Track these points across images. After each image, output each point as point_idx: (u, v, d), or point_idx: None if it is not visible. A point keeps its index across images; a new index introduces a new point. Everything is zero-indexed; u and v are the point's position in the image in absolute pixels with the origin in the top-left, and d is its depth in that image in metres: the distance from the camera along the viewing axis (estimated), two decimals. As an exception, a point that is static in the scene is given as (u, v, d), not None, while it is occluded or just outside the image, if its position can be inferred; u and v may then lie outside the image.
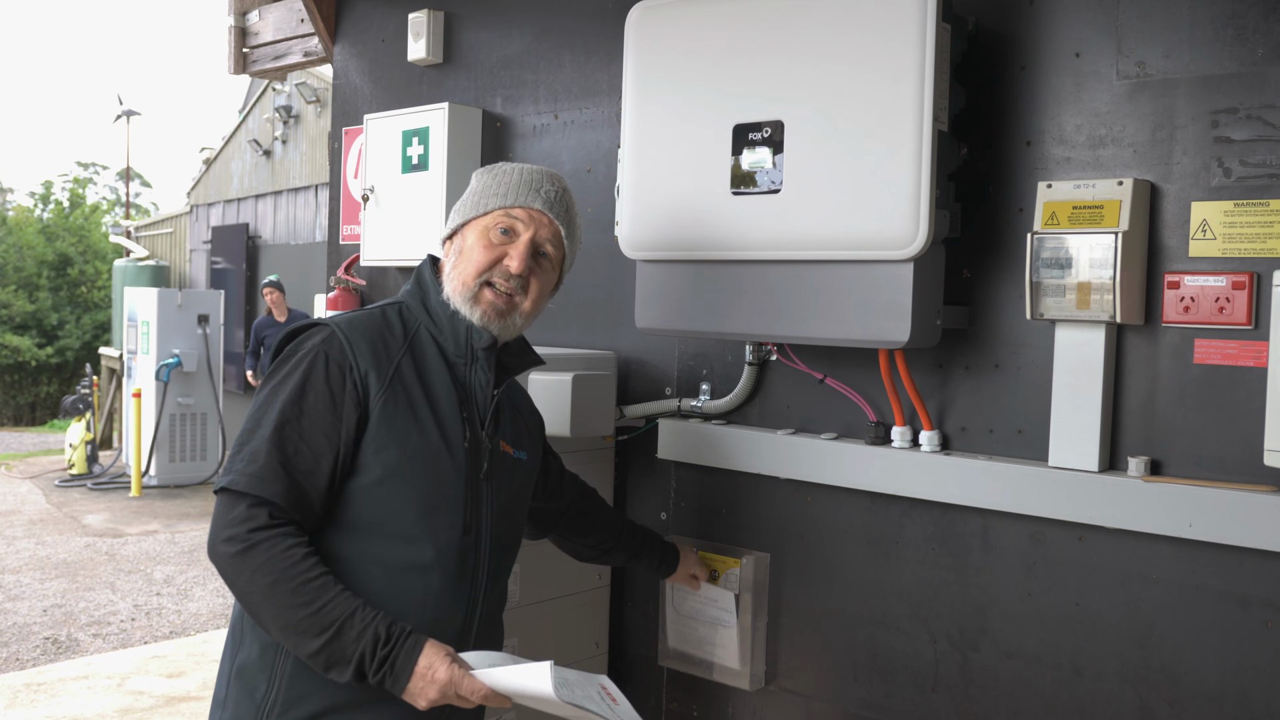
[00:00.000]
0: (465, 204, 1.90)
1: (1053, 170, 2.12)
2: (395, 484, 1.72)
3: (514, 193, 1.86)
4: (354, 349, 1.73)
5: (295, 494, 1.65)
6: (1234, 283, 1.90)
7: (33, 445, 15.59)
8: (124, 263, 15.26)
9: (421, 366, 1.80)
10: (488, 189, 1.88)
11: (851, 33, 2.06)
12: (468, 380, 1.84)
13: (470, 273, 1.82)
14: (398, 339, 1.80)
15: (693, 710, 2.68)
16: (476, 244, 1.84)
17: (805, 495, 2.46)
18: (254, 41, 4.19)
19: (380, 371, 1.74)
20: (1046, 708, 2.13)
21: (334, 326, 1.76)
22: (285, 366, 1.73)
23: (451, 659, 1.63)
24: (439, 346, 1.83)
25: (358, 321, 1.79)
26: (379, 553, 1.72)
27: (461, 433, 1.80)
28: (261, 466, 1.64)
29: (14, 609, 6.72)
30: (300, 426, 1.67)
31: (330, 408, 1.69)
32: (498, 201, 1.86)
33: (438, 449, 1.76)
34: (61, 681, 5.16)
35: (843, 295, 2.13)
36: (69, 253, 22.60)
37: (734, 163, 2.22)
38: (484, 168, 1.95)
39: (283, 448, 1.65)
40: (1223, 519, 1.88)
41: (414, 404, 1.76)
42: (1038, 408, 2.13)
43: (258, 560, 1.60)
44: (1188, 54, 1.97)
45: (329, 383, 1.70)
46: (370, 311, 1.84)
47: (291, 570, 1.60)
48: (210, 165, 15.55)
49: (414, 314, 1.86)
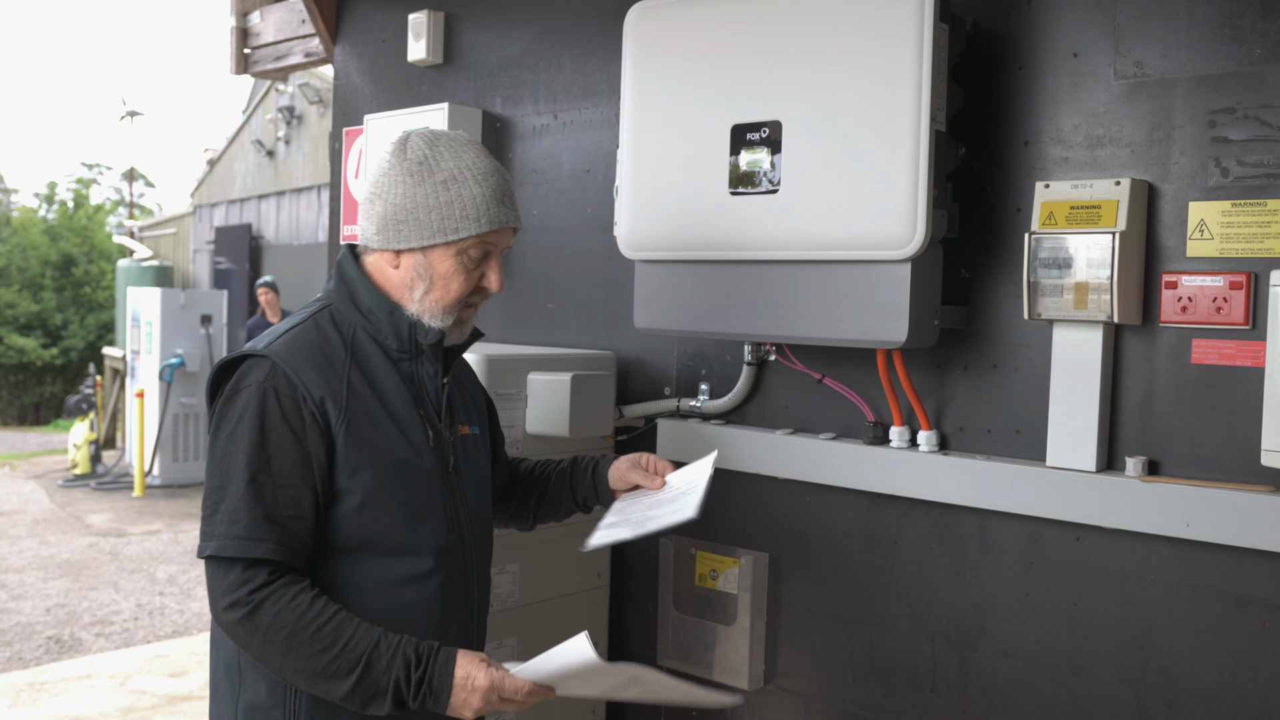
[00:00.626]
0: (420, 221, 1.69)
1: (1050, 170, 2.12)
2: (377, 503, 1.67)
3: (486, 215, 1.70)
4: (301, 378, 1.63)
5: (286, 542, 1.59)
6: (1231, 283, 1.90)
7: (37, 445, 15.62)
8: (127, 263, 15.28)
9: (369, 374, 1.71)
10: (450, 208, 1.69)
11: (849, 33, 2.06)
12: (415, 374, 1.76)
13: (450, 302, 1.73)
14: (339, 351, 1.70)
15: (691, 710, 2.68)
16: (452, 274, 1.71)
17: (804, 495, 2.46)
18: (255, 42, 4.20)
19: (334, 394, 1.65)
20: (1044, 708, 2.13)
21: (273, 358, 1.64)
22: (233, 410, 1.63)
23: (487, 664, 1.60)
24: (379, 345, 1.74)
25: (295, 344, 1.67)
26: (376, 571, 1.68)
27: (424, 433, 1.74)
28: (245, 527, 1.57)
29: (17, 608, 6.74)
30: (272, 473, 1.60)
31: (296, 445, 1.61)
32: (472, 228, 1.69)
33: (408, 458, 1.71)
34: (64, 681, 5.17)
35: (840, 295, 2.13)
36: (73, 253, 22.63)
37: (732, 163, 2.22)
38: (419, 163, 1.71)
39: (261, 500, 1.58)
40: (1220, 519, 1.88)
41: (374, 418, 1.68)
42: (1035, 408, 2.13)
43: (266, 619, 1.56)
44: (1185, 54, 1.97)
45: (287, 420, 1.61)
46: (302, 327, 1.71)
47: (303, 620, 1.56)
48: (214, 166, 15.58)
49: (345, 315, 1.74)
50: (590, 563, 2.68)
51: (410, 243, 1.71)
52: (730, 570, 2.53)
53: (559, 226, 2.94)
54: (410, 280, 1.73)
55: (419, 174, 1.70)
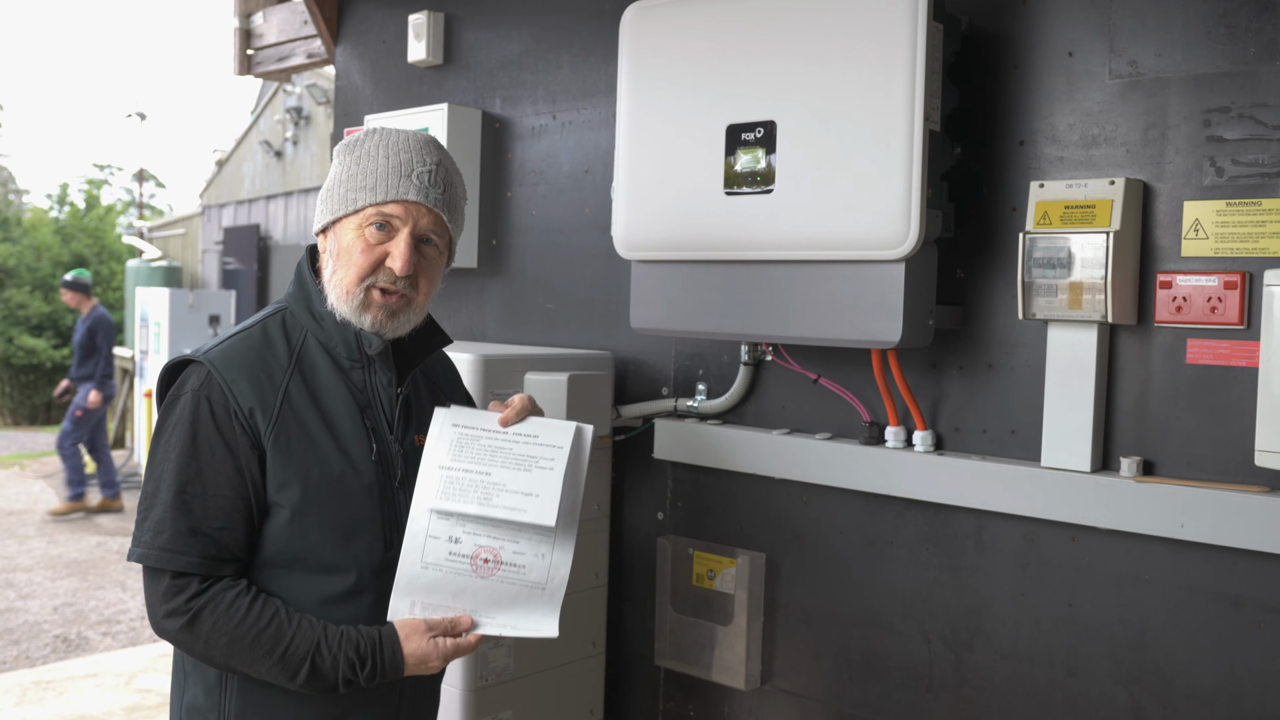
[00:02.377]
0: (332, 193, 1.68)
1: (1046, 170, 2.11)
2: (306, 519, 1.62)
3: (384, 184, 1.64)
4: (231, 387, 1.60)
5: (211, 554, 1.57)
6: (1226, 282, 1.90)
7: (47, 445, 15.67)
8: (136, 263, 15.34)
9: (312, 383, 1.66)
10: (354, 178, 1.65)
11: (843, 32, 2.06)
12: (368, 383, 1.70)
13: (352, 279, 1.65)
14: (281, 360, 1.65)
15: (689, 710, 2.68)
16: (354, 245, 1.65)
17: (800, 495, 2.46)
18: (258, 43, 4.21)
19: (265, 405, 1.61)
20: (1040, 708, 2.12)
21: (208, 364, 1.61)
22: (171, 416, 1.61)
23: (430, 632, 1.62)
24: (329, 352, 1.69)
25: (233, 351, 1.64)
26: (306, 587, 1.64)
27: (367, 446, 1.68)
28: (169, 538, 1.55)
29: (25, 607, 6.77)
30: (203, 484, 1.57)
31: (227, 455, 1.58)
32: (367, 196, 1.64)
33: (342, 473, 1.64)
34: (70, 679, 5.19)
35: (835, 295, 2.13)
36: (84, 254, 22.72)
37: (727, 163, 2.22)
38: (347, 142, 1.70)
39: (189, 512, 1.56)
40: (1215, 520, 1.87)
41: (308, 430, 1.63)
42: (1031, 408, 2.12)
43: (205, 628, 1.55)
44: (1180, 53, 1.96)
45: (219, 429, 1.58)
46: (249, 332, 1.68)
47: (241, 627, 1.56)
48: (222, 166, 15.63)
49: (299, 321, 1.70)
50: (588, 562, 2.69)
51: (325, 218, 1.69)
52: (728, 570, 2.53)
53: (557, 227, 2.94)
54: (325, 260, 1.70)
55: (342, 153, 1.69)
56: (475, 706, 2.46)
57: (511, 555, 1.68)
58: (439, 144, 1.72)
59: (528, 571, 1.68)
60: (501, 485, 1.68)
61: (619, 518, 2.79)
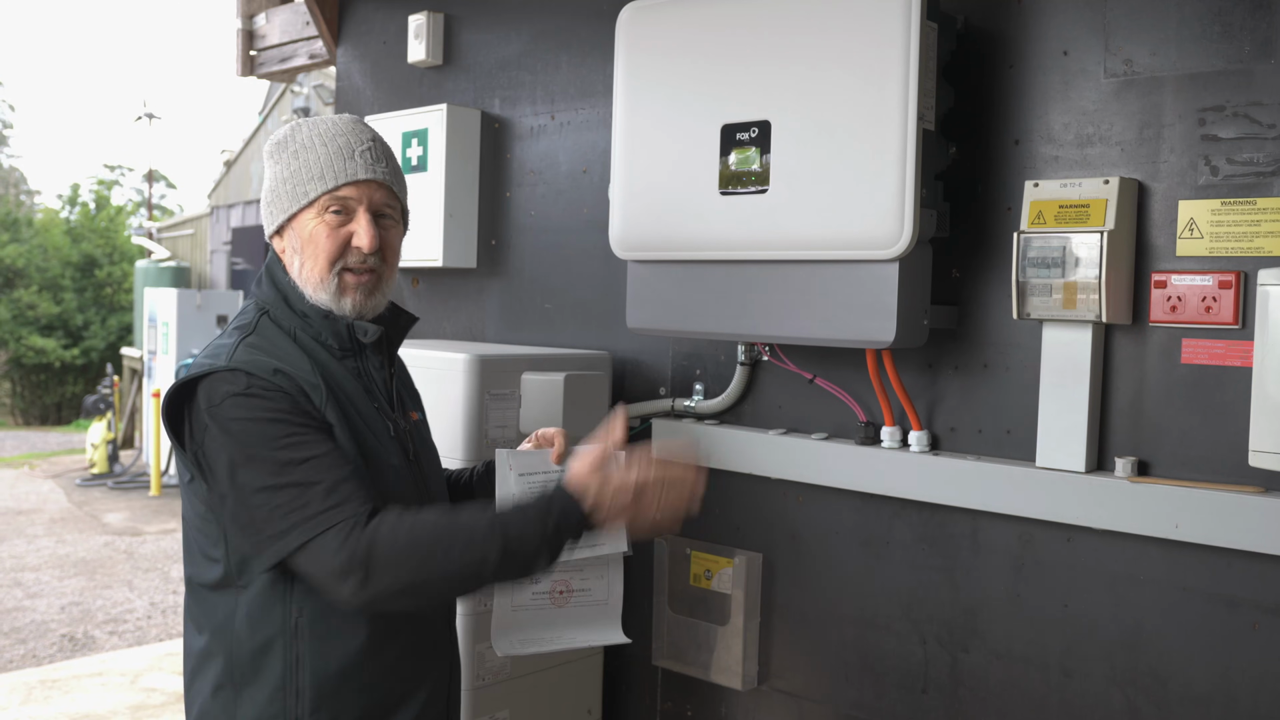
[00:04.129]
0: (280, 194, 1.70)
1: (1041, 169, 2.11)
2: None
3: (331, 170, 1.67)
4: (273, 378, 1.58)
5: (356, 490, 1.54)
6: (1221, 282, 1.89)
7: (57, 445, 15.77)
8: (145, 264, 15.41)
9: (326, 372, 1.67)
10: (299, 174, 1.68)
11: (837, 32, 2.06)
12: (362, 369, 1.74)
13: (322, 266, 1.67)
14: (293, 351, 1.66)
15: (687, 710, 2.68)
16: (317, 233, 1.67)
17: (796, 495, 2.46)
18: (261, 44, 4.22)
19: (311, 385, 1.61)
20: (1036, 709, 2.12)
21: (245, 369, 1.58)
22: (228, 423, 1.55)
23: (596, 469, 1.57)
24: (321, 344, 1.70)
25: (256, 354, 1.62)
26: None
27: (384, 425, 1.72)
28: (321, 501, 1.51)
29: (33, 606, 6.80)
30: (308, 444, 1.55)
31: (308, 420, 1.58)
32: (318, 186, 1.67)
33: (378, 451, 1.68)
34: (76, 678, 5.22)
35: (829, 295, 2.13)
36: (95, 254, 22.82)
37: (722, 163, 2.22)
38: (277, 141, 1.72)
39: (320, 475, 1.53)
40: (1209, 520, 1.87)
41: (345, 412, 1.65)
42: (1027, 408, 2.12)
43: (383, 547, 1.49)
44: (1175, 51, 1.96)
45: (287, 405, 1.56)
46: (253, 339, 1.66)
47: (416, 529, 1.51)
48: (230, 167, 15.69)
49: (283, 319, 1.70)
50: (585, 562, 2.69)
51: (279, 218, 1.70)
52: (725, 570, 2.53)
53: (556, 227, 2.95)
54: (290, 257, 1.71)
55: (276, 154, 1.72)
56: (473, 706, 2.46)
57: (579, 583, 1.89)
58: (365, 124, 1.76)
59: (593, 594, 1.89)
60: None
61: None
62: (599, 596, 1.89)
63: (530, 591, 1.83)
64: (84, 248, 22.90)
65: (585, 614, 1.88)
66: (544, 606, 1.85)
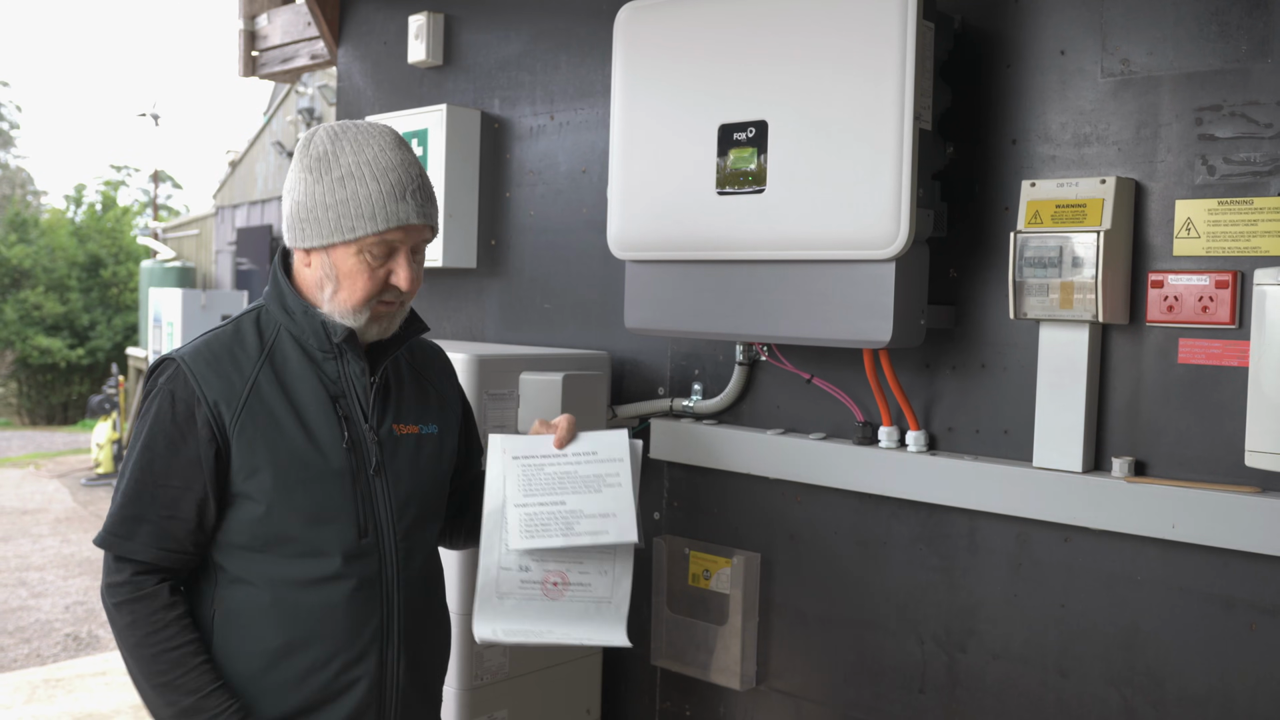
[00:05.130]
0: (320, 220, 1.66)
1: (1038, 169, 2.10)
2: (278, 506, 1.65)
3: (382, 212, 1.64)
4: (199, 380, 1.65)
5: (157, 543, 1.64)
6: (1217, 282, 1.89)
7: (63, 445, 15.81)
8: (150, 264, 15.44)
9: (283, 374, 1.70)
10: (345, 204, 1.64)
11: (834, 32, 2.06)
12: (341, 373, 1.73)
13: (358, 301, 1.68)
14: (251, 353, 1.70)
15: (685, 710, 2.68)
16: (356, 273, 1.67)
17: (795, 495, 2.46)
18: (263, 45, 4.23)
19: (231, 395, 1.65)
20: (1033, 710, 2.12)
21: (179, 360, 1.67)
22: (145, 409, 1.70)
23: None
24: (300, 345, 1.72)
25: (204, 348, 1.69)
26: (277, 571, 1.67)
27: (339, 433, 1.70)
28: (117, 523, 1.65)
29: (37, 605, 6.82)
30: (154, 473, 1.64)
31: (183, 446, 1.64)
32: (367, 226, 1.64)
33: (310, 459, 1.67)
34: (80, 677, 5.23)
35: (825, 295, 2.13)
36: (101, 255, 22.86)
37: (719, 163, 2.22)
38: (319, 158, 1.66)
39: (138, 500, 1.64)
40: (1206, 520, 1.86)
41: (277, 419, 1.66)
42: (1024, 408, 2.11)
43: (125, 619, 1.63)
44: (1172, 51, 1.95)
45: (176, 421, 1.64)
46: (222, 329, 1.74)
47: (152, 638, 1.62)
48: (235, 167, 15.71)
49: (274, 316, 1.74)
50: (584, 562, 2.69)
51: (312, 241, 1.68)
52: (723, 570, 2.53)
53: (555, 227, 2.95)
54: (320, 279, 1.71)
55: (317, 170, 1.66)
56: (471, 705, 2.46)
57: (578, 576, 1.78)
58: (406, 143, 1.72)
59: (593, 589, 1.79)
60: (579, 511, 1.75)
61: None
62: (601, 593, 1.78)
63: (519, 579, 1.76)
64: (90, 248, 22.94)
65: (583, 610, 1.77)
66: (535, 597, 1.76)
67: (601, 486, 1.77)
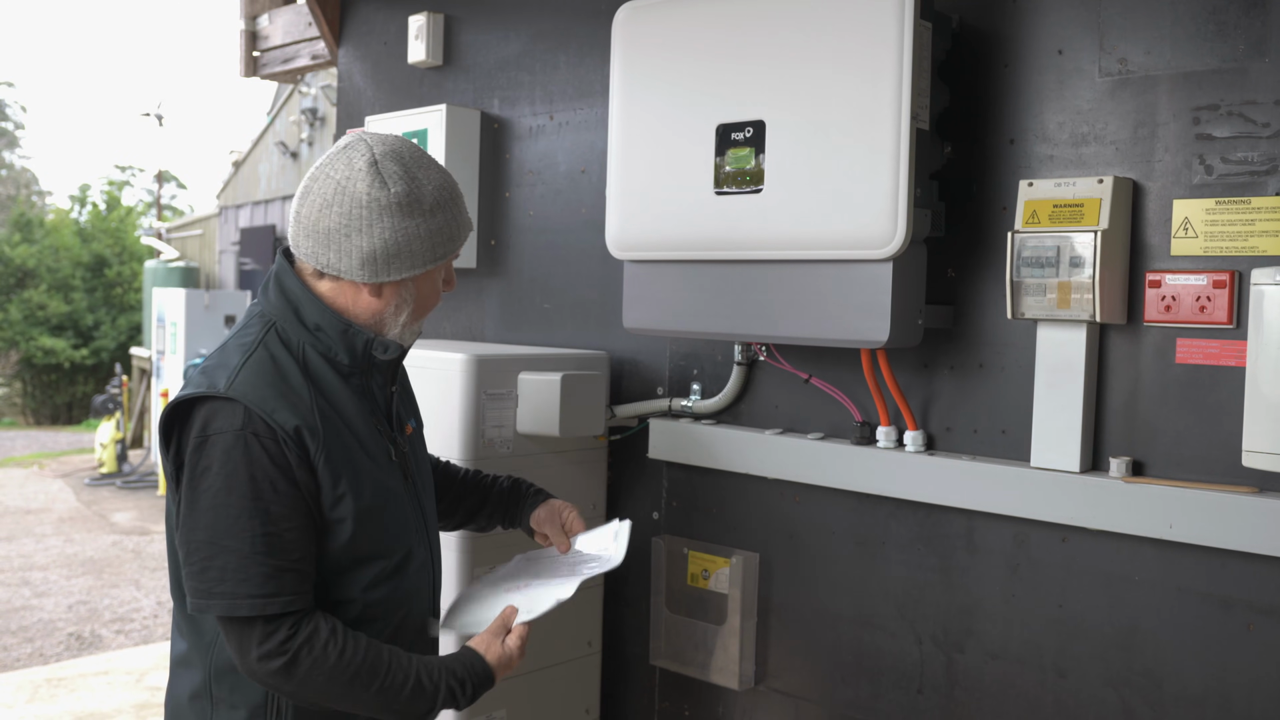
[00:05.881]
0: (416, 254, 1.66)
1: (1036, 168, 2.10)
2: (363, 528, 1.67)
3: (463, 228, 1.73)
4: (274, 417, 1.58)
5: (300, 588, 1.58)
6: (1215, 281, 1.88)
7: (67, 444, 15.83)
8: (154, 264, 15.47)
9: (329, 396, 1.67)
10: (440, 234, 1.68)
11: (831, 31, 2.06)
12: (365, 387, 1.73)
13: (423, 313, 1.75)
14: (296, 377, 1.64)
15: (684, 710, 2.68)
16: (433, 291, 1.75)
17: (793, 495, 2.46)
18: (264, 45, 4.24)
19: (308, 425, 1.60)
20: (1031, 710, 2.11)
21: (243, 401, 1.57)
22: (206, 459, 1.56)
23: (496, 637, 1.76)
24: (328, 361, 1.69)
25: (257, 380, 1.60)
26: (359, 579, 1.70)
27: (385, 449, 1.74)
28: (259, 584, 1.54)
29: (40, 605, 6.84)
30: (274, 522, 1.56)
31: (289, 486, 1.58)
32: (453, 245, 1.72)
33: (377, 477, 1.70)
34: (82, 676, 5.24)
35: (823, 295, 2.13)
36: (105, 254, 22.89)
37: (717, 163, 2.22)
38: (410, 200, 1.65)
39: (271, 553, 1.55)
40: (1203, 520, 1.86)
41: (344, 442, 1.65)
42: (1022, 408, 2.11)
43: (304, 667, 1.56)
44: (1169, 50, 1.95)
45: (273, 462, 1.57)
46: (257, 358, 1.63)
47: (340, 661, 1.58)
48: (239, 168, 15.73)
49: (291, 332, 1.67)
50: (583, 562, 2.69)
51: (403, 274, 1.67)
52: (721, 570, 2.53)
53: (554, 227, 2.95)
54: (395, 307, 1.71)
55: (411, 207, 1.65)
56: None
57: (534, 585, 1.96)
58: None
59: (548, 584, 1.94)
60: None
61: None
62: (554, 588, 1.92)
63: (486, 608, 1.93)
64: (94, 248, 22.96)
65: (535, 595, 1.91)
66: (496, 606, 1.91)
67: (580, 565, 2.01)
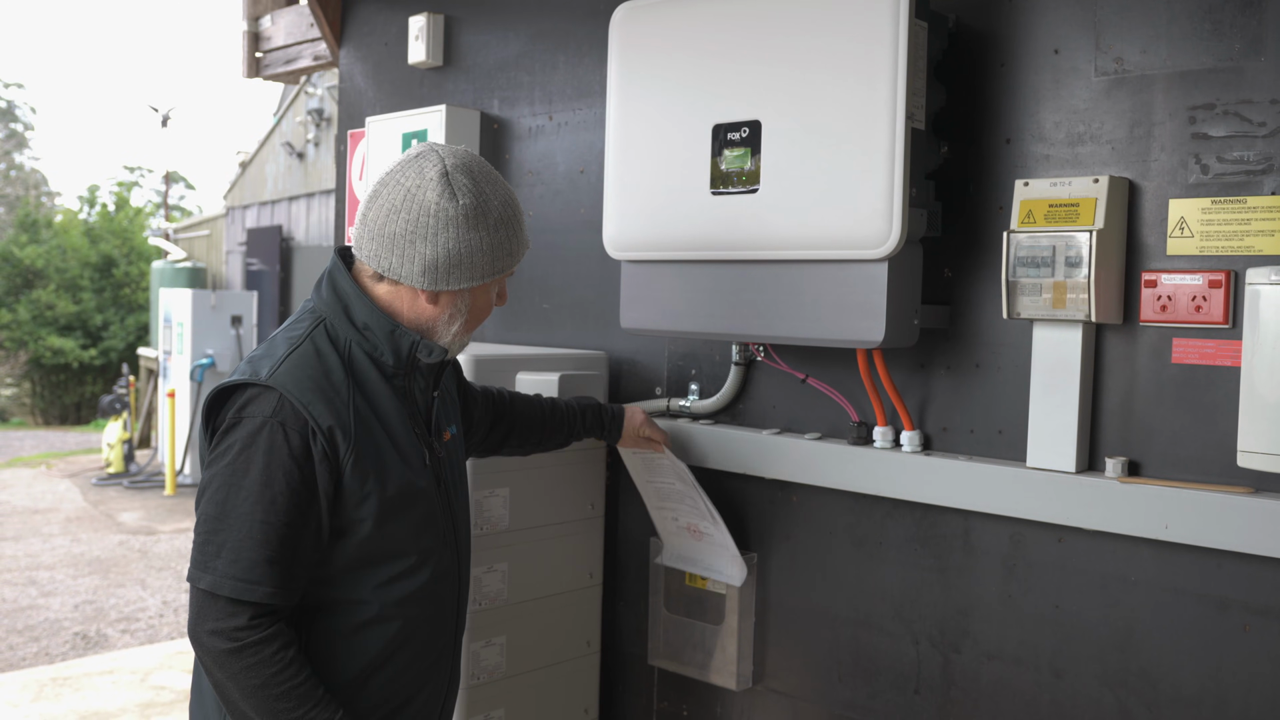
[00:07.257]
0: (477, 265, 1.71)
1: (1032, 168, 2.10)
2: (384, 529, 1.69)
3: (523, 245, 1.80)
4: (310, 410, 1.60)
5: (282, 584, 1.59)
6: (1211, 281, 1.88)
7: (75, 444, 15.89)
8: (161, 264, 15.51)
9: (369, 395, 1.70)
10: (502, 248, 1.74)
11: (827, 32, 2.06)
12: (407, 389, 1.76)
13: (475, 325, 1.81)
14: (338, 374, 1.67)
15: (683, 710, 2.68)
16: (488, 303, 1.82)
17: (790, 495, 2.46)
18: (266, 46, 4.25)
19: (342, 423, 1.63)
20: (1027, 710, 2.11)
21: (280, 390, 1.61)
22: (233, 439, 1.60)
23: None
24: (373, 361, 1.73)
25: (299, 371, 1.63)
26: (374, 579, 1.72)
27: (420, 453, 1.76)
28: (245, 568, 1.56)
29: (46, 604, 6.86)
30: (278, 513, 1.58)
31: (302, 485, 1.60)
32: (512, 261, 1.78)
33: (409, 481, 1.72)
34: (87, 676, 5.26)
35: (819, 295, 2.12)
36: (113, 255, 22.96)
37: (714, 162, 2.22)
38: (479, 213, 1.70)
39: (267, 542, 1.57)
40: (1199, 521, 1.85)
41: (377, 444, 1.68)
42: (1018, 408, 2.11)
43: (245, 662, 1.57)
44: (1165, 49, 1.95)
45: (294, 457, 1.59)
46: (302, 351, 1.67)
47: (278, 676, 1.58)
48: (245, 168, 15.77)
49: (340, 330, 1.71)
50: (582, 562, 2.69)
51: (463, 284, 1.72)
52: (719, 570, 2.53)
53: (554, 227, 2.95)
54: (449, 316, 1.76)
55: (476, 220, 1.70)
56: (468, 705, 2.47)
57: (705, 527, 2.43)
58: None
59: (714, 538, 2.42)
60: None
61: (613, 518, 2.80)
62: (721, 540, 2.40)
63: (674, 526, 2.50)
64: (102, 248, 23.03)
65: (713, 549, 2.44)
66: (685, 538, 2.49)
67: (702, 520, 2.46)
